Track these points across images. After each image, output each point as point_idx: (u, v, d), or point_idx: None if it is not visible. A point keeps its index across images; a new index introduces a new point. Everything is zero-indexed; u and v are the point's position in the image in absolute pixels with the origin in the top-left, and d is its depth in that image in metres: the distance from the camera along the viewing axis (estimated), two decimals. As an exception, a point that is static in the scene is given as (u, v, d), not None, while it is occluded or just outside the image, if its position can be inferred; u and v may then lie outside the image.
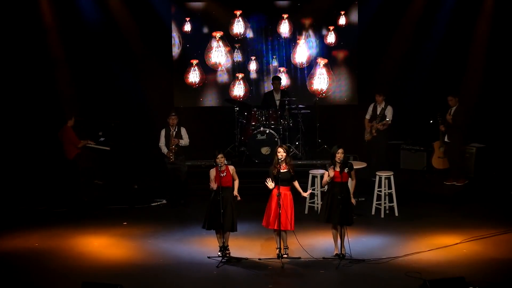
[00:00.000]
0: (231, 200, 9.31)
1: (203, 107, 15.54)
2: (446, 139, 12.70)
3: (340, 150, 9.10)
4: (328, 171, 9.19)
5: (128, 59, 14.79)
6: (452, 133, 12.58)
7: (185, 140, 12.19)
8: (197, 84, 15.39)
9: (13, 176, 12.93)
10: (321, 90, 15.32)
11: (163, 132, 12.22)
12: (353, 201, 9.38)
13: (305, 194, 9.45)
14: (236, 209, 9.36)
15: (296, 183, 9.34)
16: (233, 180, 9.45)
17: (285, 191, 9.18)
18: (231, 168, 9.43)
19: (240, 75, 15.32)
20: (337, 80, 15.33)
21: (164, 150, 12.13)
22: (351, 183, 9.47)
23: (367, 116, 13.30)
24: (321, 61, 15.24)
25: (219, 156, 9.22)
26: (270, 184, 9.10)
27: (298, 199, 9.51)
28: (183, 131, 12.24)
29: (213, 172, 9.32)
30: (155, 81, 15.09)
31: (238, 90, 15.38)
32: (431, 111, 12.92)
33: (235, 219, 9.34)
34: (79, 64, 14.28)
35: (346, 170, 9.07)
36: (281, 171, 9.16)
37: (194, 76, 15.36)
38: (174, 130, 12.14)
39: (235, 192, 9.40)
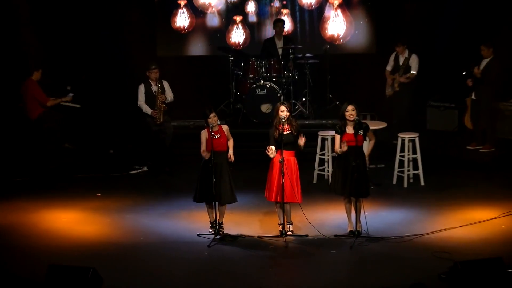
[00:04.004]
0: (226, 166, 9.25)
1: (191, 56, 15.48)
2: (473, 96, 12.63)
3: (350, 107, 9.02)
4: (336, 135, 9.13)
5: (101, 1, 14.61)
6: (481, 89, 12.56)
7: (169, 95, 12.23)
8: (186, 28, 15.16)
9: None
10: (338, 35, 15.13)
11: (142, 88, 12.17)
12: (368, 162, 9.19)
13: (301, 141, 9.03)
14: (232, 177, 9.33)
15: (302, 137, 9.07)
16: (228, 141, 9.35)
17: (288, 156, 9.10)
18: (225, 127, 9.33)
19: (238, 18, 15.07)
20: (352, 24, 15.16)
21: (147, 109, 12.11)
22: (367, 144, 9.36)
23: (388, 68, 13.32)
24: (335, 1, 15.01)
25: (211, 115, 9.13)
26: (271, 152, 9.03)
27: (305, 167, 9.40)
28: (166, 85, 12.28)
29: (204, 134, 9.23)
30: (134, 26, 14.93)
31: (237, 36, 15.10)
32: (463, 61, 12.88)
33: (233, 187, 9.29)
34: (44, 6, 14.07)
35: (360, 132, 9.00)
36: (284, 133, 9.05)
37: (182, 20, 15.04)
38: (157, 86, 12.02)
39: (230, 152, 9.28)
